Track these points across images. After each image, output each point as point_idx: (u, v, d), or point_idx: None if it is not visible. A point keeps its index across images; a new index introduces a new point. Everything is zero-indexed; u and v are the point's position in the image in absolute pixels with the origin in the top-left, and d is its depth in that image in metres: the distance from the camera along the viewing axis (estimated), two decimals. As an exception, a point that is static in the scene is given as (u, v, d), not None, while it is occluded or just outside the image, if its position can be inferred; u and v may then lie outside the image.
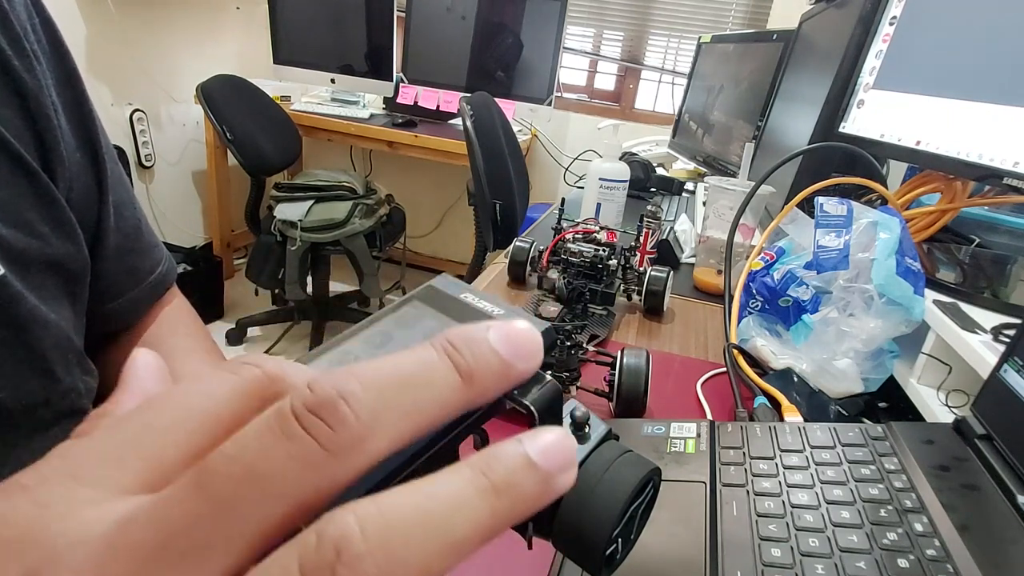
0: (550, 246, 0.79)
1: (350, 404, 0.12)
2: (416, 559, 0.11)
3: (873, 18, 0.79)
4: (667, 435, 0.48)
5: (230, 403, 0.13)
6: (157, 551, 0.11)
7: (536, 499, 0.13)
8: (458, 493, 0.12)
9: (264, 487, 0.11)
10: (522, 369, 0.14)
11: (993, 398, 0.45)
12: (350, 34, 2.40)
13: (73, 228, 0.40)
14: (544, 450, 0.13)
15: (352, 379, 0.12)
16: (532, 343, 0.14)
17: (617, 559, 0.19)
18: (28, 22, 0.39)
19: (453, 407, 0.13)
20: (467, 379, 0.13)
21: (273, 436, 0.11)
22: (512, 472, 0.12)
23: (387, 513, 0.11)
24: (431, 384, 0.13)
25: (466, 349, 0.13)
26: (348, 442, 0.11)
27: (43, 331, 0.37)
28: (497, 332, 0.14)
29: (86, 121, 0.43)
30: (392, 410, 0.12)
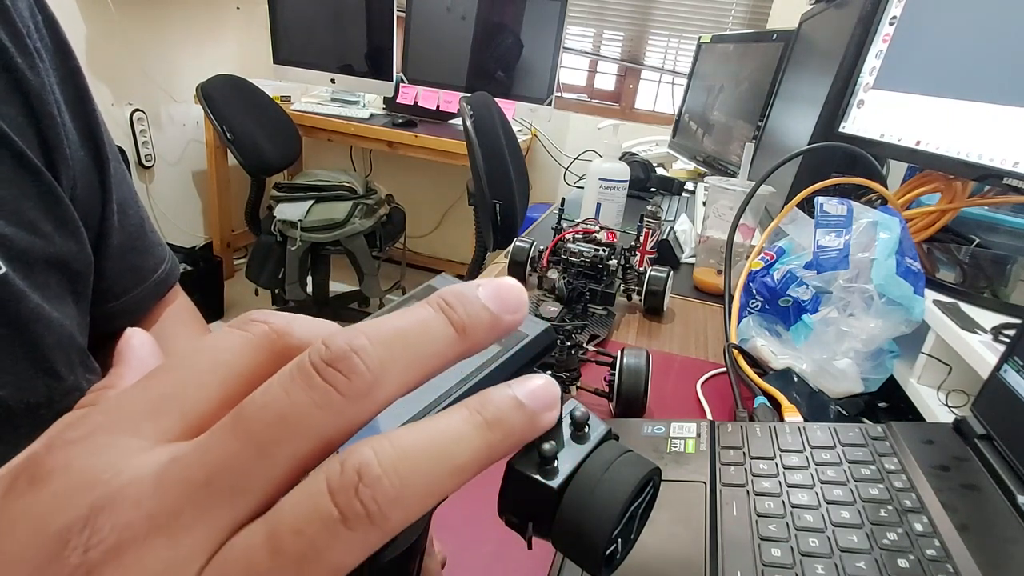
0: (550, 246, 0.79)
1: (361, 357, 0.13)
2: (422, 480, 0.13)
3: (873, 18, 0.79)
4: (667, 435, 0.48)
5: (245, 358, 0.15)
6: (204, 485, 0.13)
7: (523, 433, 0.15)
8: (457, 427, 0.14)
9: (293, 429, 0.13)
10: (509, 321, 0.16)
11: (993, 398, 0.45)
12: (350, 34, 2.40)
13: (76, 227, 0.40)
14: (530, 392, 0.15)
15: (360, 335, 0.14)
16: (517, 297, 0.16)
17: (617, 559, 0.19)
18: (31, 20, 0.39)
19: (449, 357, 0.15)
20: (461, 332, 0.15)
21: (297, 386, 0.13)
22: (502, 410, 0.14)
23: (397, 444, 0.13)
24: (430, 337, 0.15)
25: (459, 305, 0.15)
26: (362, 389, 0.13)
27: (46, 329, 0.37)
28: (485, 289, 0.16)
29: (89, 119, 0.43)
30: (397, 361, 0.14)
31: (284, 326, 0.15)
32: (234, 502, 0.13)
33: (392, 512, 0.13)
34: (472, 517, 0.39)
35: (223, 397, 0.14)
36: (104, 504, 0.12)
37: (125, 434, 0.13)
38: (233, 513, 0.13)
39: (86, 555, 0.12)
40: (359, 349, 0.14)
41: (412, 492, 0.13)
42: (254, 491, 0.13)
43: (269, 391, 0.13)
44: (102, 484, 0.12)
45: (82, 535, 0.12)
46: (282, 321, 0.16)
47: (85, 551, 0.12)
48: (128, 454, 0.13)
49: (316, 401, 0.13)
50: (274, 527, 0.12)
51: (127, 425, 0.14)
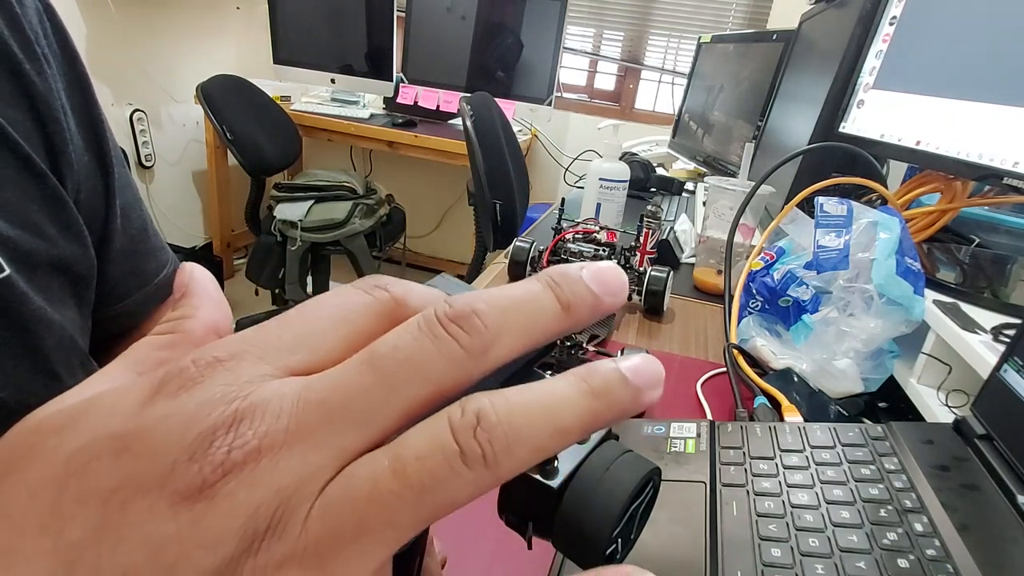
0: (550, 246, 0.79)
1: (480, 318, 0.15)
2: (532, 434, 0.14)
3: (873, 18, 0.79)
4: (667, 435, 0.48)
5: (369, 318, 0.16)
6: (337, 410, 0.14)
7: (627, 406, 0.15)
8: (565, 391, 0.15)
9: (420, 371, 0.14)
10: (609, 303, 0.17)
11: (993, 398, 0.45)
12: (350, 34, 2.40)
13: (80, 230, 0.40)
14: (634, 368, 0.16)
15: (480, 300, 0.15)
16: (618, 281, 0.17)
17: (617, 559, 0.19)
18: (39, 27, 0.40)
19: (554, 331, 0.16)
20: (566, 308, 0.16)
21: (424, 335, 0.14)
22: (608, 382, 0.15)
23: (511, 400, 0.14)
24: (539, 309, 0.16)
25: (565, 283, 0.16)
26: (480, 346, 0.15)
27: (47, 332, 0.37)
28: (589, 271, 0.17)
29: (95, 124, 0.43)
30: (511, 326, 0.15)
31: (403, 294, 0.17)
32: (361, 428, 0.14)
33: (503, 458, 0.14)
34: (472, 517, 0.39)
35: (348, 347, 0.16)
36: (248, 414, 0.13)
37: (264, 361, 0.15)
38: (360, 438, 0.14)
39: (229, 455, 0.13)
40: (479, 311, 0.15)
41: (522, 443, 0.14)
42: (380, 421, 0.14)
43: (400, 336, 0.15)
44: (245, 397, 0.14)
45: (227, 436, 0.13)
46: (401, 289, 0.17)
47: (228, 451, 0.13)
48: (267, 377, 0.14)
49: (440, 350, 0.14)
50: (400, 452, 0.14)
51: (266, 353, 0.15)
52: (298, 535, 0.13)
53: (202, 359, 0.15)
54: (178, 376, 0.14)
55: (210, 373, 0.14)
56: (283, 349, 0.15)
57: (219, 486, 0.13)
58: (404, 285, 0.17)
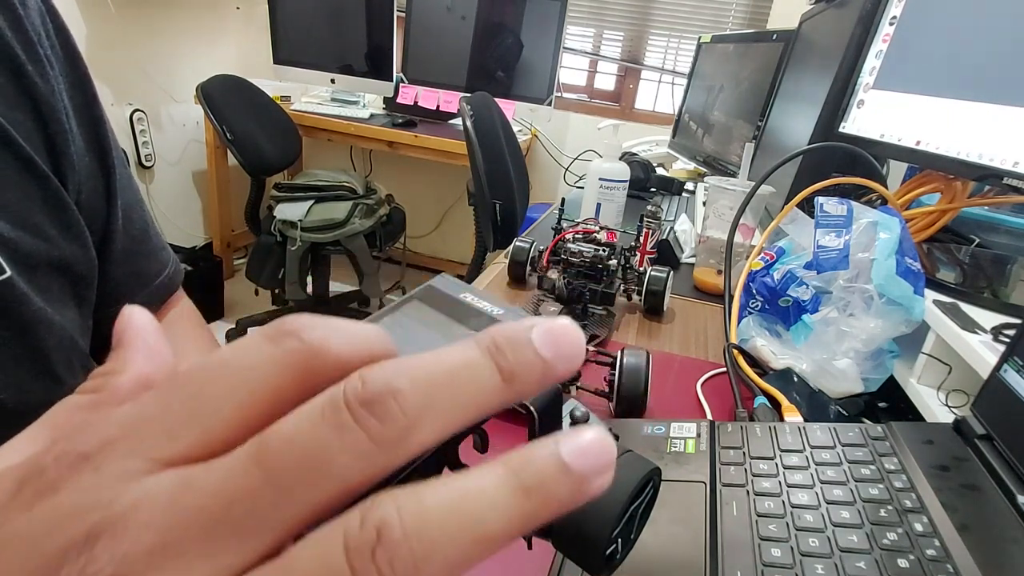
0: (550, 246, 0.79)
1: (398, 401, 0.13)
2: (447, 549, 0.12)
3: (873, 18, 0.79)
4: (667, 435, 0.48)
5: (272, 379, 0.14)
6: (217, 517, 0.12)
7: (566, 502, 0.13)
8: (491, 492, 0.13)
9: (317, 471, 0.12)
10: (562, 370, 0.14)
11: (993, 398, 0.45)
12: (350, 34, 2.40)
13: (82, 231, 0.40)
14: (579, 452, 0.13)
15: (401, 375, 0.13)
16: (574, 344, 0.14)
17: (617, 559, 0.19)
18: (42, 28, 0.40)
19: (492, 406, 0.14)
20: (508, 380, 0.14)
21: (327, 424, 0.12)
22: (544, 475, 0.13)
23: (425, 505, 0.12)
24: (474, 384, 0.14)
25: (509, 350, 0.14)
26: (395, 436, 0.12)
27: (47, 332, 0.37)
28: (540, 332, 0.14)
29: (96, 125, 0.43)
30: (436, 408, 0.13)
31: (320, 343, 0.14)
32: (245, 542, 0.12)
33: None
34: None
35: (243, 420, 0.13)
36: (104, 529, 0.12)
37: (137, 451, 0.13)
38: (242, 554, 0.12)
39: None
40: (397, 392, 0.13)
41: (432, 561, 0.12)
42: (267, 532, 0.12)
43: (296, 425, 0.13)
44: (106, 507, 0.12)
45: (77, 562, 0.11)
46: (318, 336, 0.14)
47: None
48: (138, 474, 0.13)
49: (345, 444, 0.12)
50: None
51: (139, 442, 0.13)
52: None
53: (66, 456, 0.13)
54: (36, 479, 0.13)
55: (71, 476, 0.13)
56: (163, 432, 0.13)
57: None
58: (324, 329, 0.14)
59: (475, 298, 0.21)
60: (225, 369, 0.14)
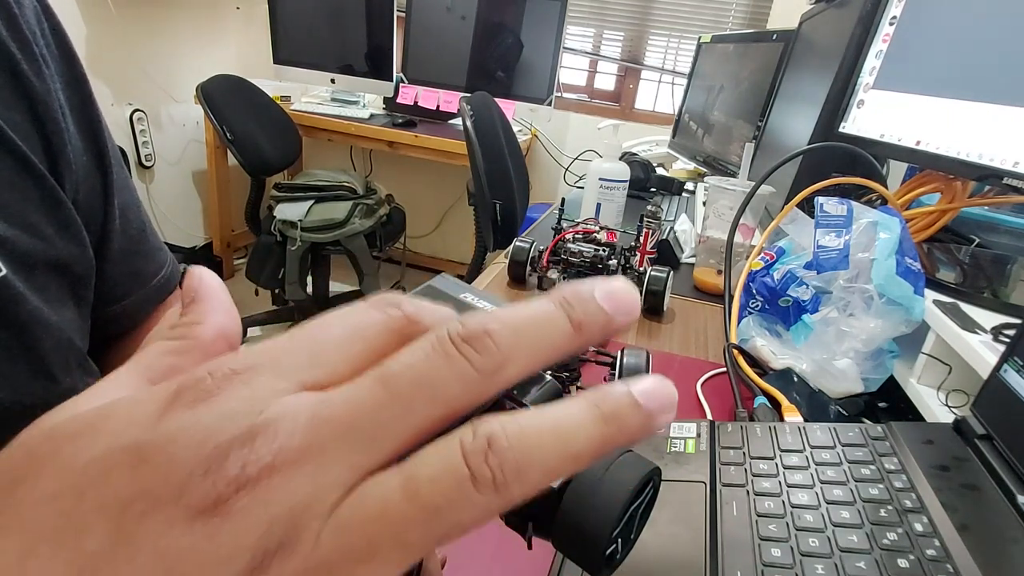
0: (550, 246, 0.79)
1: (493, 338, 0.15)
2: (543, 459, 0.14)
3: (873, 18, 0.79)
4: (667, 435, 0.48)
5: (381, 336, 0.16)
6: (349, 428, 0.14)
7: (638, 430, 0.15)
8: (577, 416, 0.15)
9: (432, 391, 0.14)
10: (621, 322, 0.17)
11: (993, 398, 0.45)
12: (350, 34, 2.40)
13: (79, 230, 0.40)
14: (646, 392, 0.15)
15: (492, 320, 0.15)
16: (631, 300, 0.17)
17: (617, 559, 0.19)
18: (37, 27, 0.40)
19: (565, 350, 0.16)
20: (577, 328, 0.16)
21: (436, 355, 0.15)
22: (619, 406, 0.15)
23: (523, 424, 0.14)
24: (551, 330, 0.16)
25: (578, 304, 0.16)
26: (492, 367, 0.15)
27: (44, 332, 0.37)
28: (602, 290, 0.17)
29: (93, 125, 0.43)
30: (522, 346, 0.15)
31: (415, 312, 0.17)
32: (373, 447, 0.14)
33: (513, 483, 0.14)
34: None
35: (362, 364, 0.16)
36: (263, 429, 0.14)
37: (279, 375, 0.15)
38: (371, 457, 0.14)
39: (243, 470, 0.13)
40: (492, 332, 0.15)
41: (532, 468, 0.14)
42: (391, 440, 0.14)
43: (413, 354, 0.15)
44: (259, 412, 0.14)
45: (242, 451, 0.13)
46: (413, 307, 0.17)
47: (243, 466, 0.13)
48: (283, 392, 0.14)
49: (452, 370, 0.14)
50: (412, 474, 0.14)
51: (281, 368, 0.15)
52: (309, 552, 0.13)
53: (218, 371, 0.15)
54: (194, 387, 0.14)
55: (226, 386, 0.14)
56: (298, 364, 0.15)
57: (233, 502, 0.13)
58: (416, 304, 0.17)
59: (475, 298, 0.21)
60: (344, 322, 0.16)
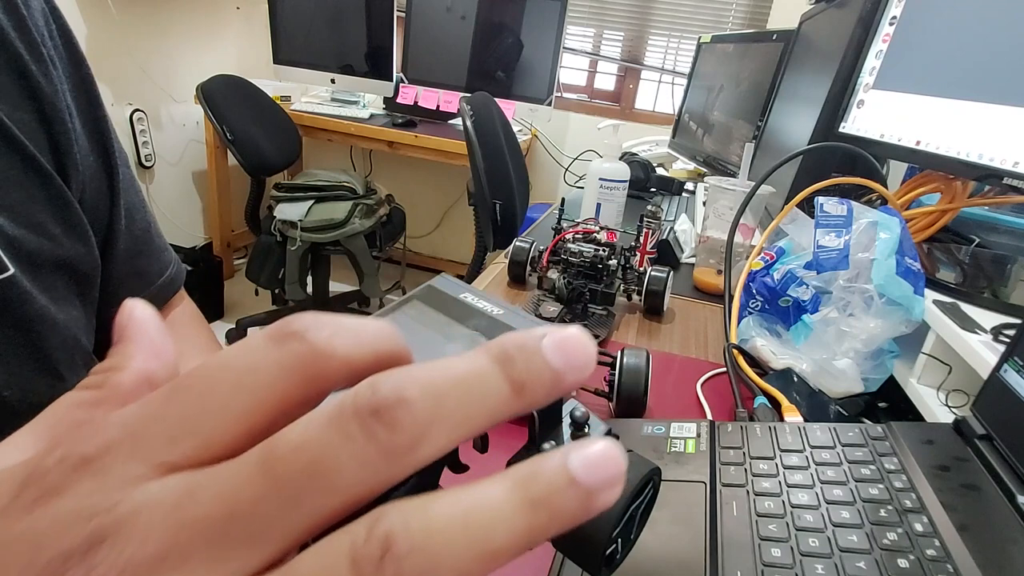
0: (550, 246, 0.79)
1: (408, 410, 0.12)
2: (453, 563, 0.12)
3: (873, 18, 0.79)
4: (667, 435, 0.48)
5: (276, 383, 0.13)
6: (221, 525, 0.12)
7: (575, 515, 0.13)
8: (498, 505, 0.12)
9: (325, 479, 0.12)
10: (572, 380, 0.14)
11: (993, 398, 0.45)
12: (350, 34, 2.40)
13: (85, 230, 0.41)
14: (587, 464, 0.13)
15: (412, 384, 0.13)
16: (586, 354, 0.14)
17: (617, 559, 0.19)
18: (45, 28, 0.40)
19: (501, 417, 0.13)
20: (518, 391, 0.13)
21: (335, 433, 0.12)
22: (552, 488, 0.12)
23: (431, 518, 0.12)
24: (484, 394, 0.13)
25: (520, 359, 0.14)
26: (403, 447, 0.12)
27: (50, 331, 0.37)
28: (552, 341, 0.14)
29: (100, 126, 0.44)
30: (445, 419, 0.13)
31: (325, 344, 0.13)
32: (250, 550, 0.12)
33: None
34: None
35: (248, 425, 0.13)
36: (108, 535, 0.11)
37: (140, 455, 0.13)
38: (246, 562, 0.12)
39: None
40: (408, 401, 0.12)
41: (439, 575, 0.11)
42: (272, 540, 0.12)
43: (304, 432, 0.12)
44: (108, 511, 0.12)
45: (80, 567, 0.11)
46: (324, 337, 0.13)
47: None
48: (141, 479, 0.12)
49: (353, 454, 0.12)
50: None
51: (142, 445, 0.13)
52: None
53: (68, 458, 0.12)
54: (39, 482, 0.12)
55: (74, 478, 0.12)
56: (166, 436, 0.13)
57: None
58: (330, 328, 0.14)
59: (475, 298, 0.21)
60: (228, 372, 0.13)
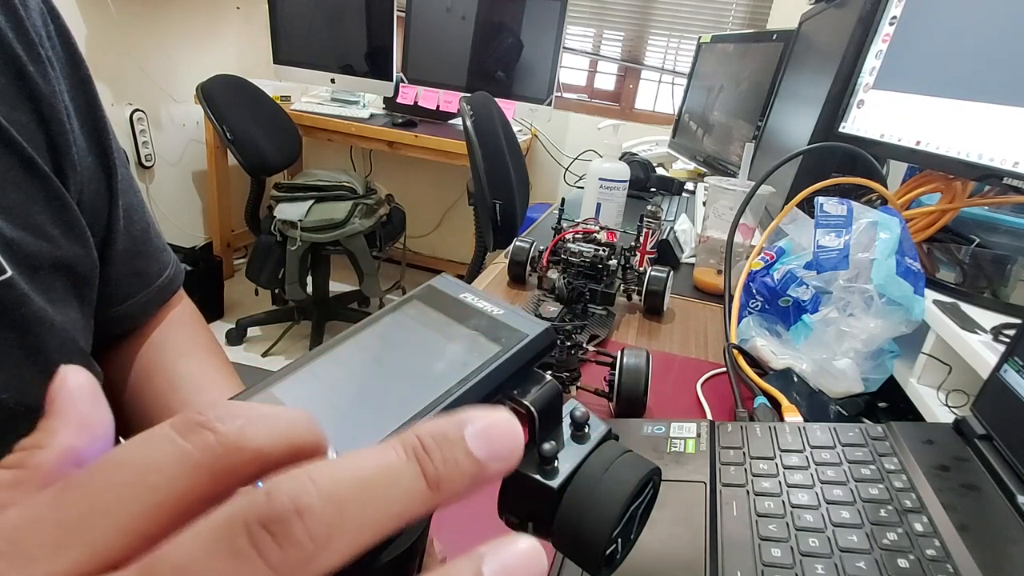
0: (550, 246, 0.79)
1: (305, 521, 0.11)
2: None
3: (873, 18, 0.79)
4: (667, 435, 0.48)
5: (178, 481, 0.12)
6: None
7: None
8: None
9: None
10: (495, 471, 0.13)
11: (993, 398, 0.45)
12: (350, 34, 2.40)
13: (83, 231, 0.41)
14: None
15: (310, 490, 0.12)
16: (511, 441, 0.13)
17: (617, 559, 0.19)
18: (43, 28, 0.40)
19: (414, 515, 0.13)
20: (434, 486, 0.13)
21: (221, 550, 0.11)
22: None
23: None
24: (394, 494, 0.12)
25: (437, 452, 0.13)
26: (296, 563, 0.11)
27: (48, 333, 0.37)
28: (475, 429, 0.13)
29: (98, 126, 0.44)
30: (348, 526, 0.12)
31: (236, 437, 0.12)
32: None
33: None
34: (472, 517, 0.39)
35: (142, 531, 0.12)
36: None
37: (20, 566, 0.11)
38: None
39: None
40: (304, 510, 0.11)
41: None
42: None
43: (187, 550, 0.11)
44: None
45: None
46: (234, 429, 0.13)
47: None
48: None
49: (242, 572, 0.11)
50: None
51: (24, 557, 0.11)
52: None
53: None
54: None
55: None
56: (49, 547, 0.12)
57: None
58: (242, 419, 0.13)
59: (475, 298, 0.21)
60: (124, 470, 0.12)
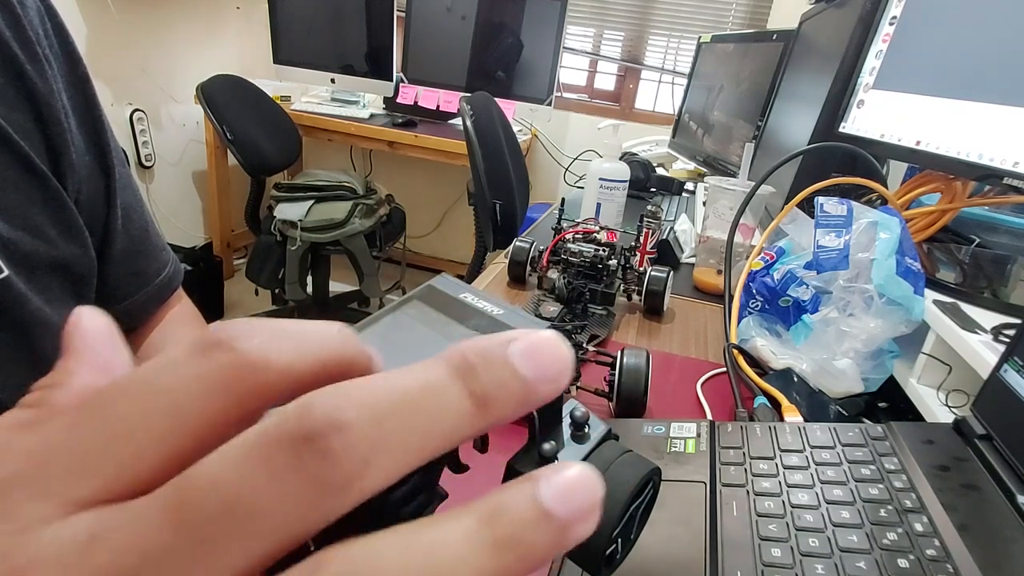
0: (550, 246, 0.79)
1: (344, 436, 0.10)
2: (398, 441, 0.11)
3: (873, 18, 0.79)
4: (667, 435, 0.48)
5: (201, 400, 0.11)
6: None
7: (548, 553, 0.11)
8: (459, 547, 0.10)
9: (246, 524, 0.10)
10: (544, 392, 0.12)
11: (993, 398, 0.45)
12: (350, 34, 2.40)
13: (81, 231, 0.41)
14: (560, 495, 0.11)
15: (349, 405, 0.11)
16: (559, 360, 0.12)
17: (617, 559, 0.19)
18: (41, 28, 0.40)
19: (461, 437, 0.12)
20: (480, 406, 0.12)
21: (257, 466, 0.10)
22: (521, 526, 0.11)
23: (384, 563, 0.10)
24: (438, 412, 0.11)
25: (483, 369, 0.12)
26: (339, 481, 0.10)
27: (46, 333, 0.37)
28: (520, 348, 0.12)
29: (96, 126, 0.44)
30: (390, 444, 0.11)
31: (258, 356, 0.11)
32: None
33: None
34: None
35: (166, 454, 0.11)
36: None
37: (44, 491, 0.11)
38: None
39: None
40: (345, 426, 0.10)
41: None
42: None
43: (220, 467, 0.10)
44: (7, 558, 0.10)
45: None
46: (256, 346, 0.12)
47: None
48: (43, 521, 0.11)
49: (279, 492, 0.10)
50: None
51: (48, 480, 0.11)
52: None
53: None
54: None
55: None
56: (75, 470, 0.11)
57: None
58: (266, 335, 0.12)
59: (475, 298, 0.21)
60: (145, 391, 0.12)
